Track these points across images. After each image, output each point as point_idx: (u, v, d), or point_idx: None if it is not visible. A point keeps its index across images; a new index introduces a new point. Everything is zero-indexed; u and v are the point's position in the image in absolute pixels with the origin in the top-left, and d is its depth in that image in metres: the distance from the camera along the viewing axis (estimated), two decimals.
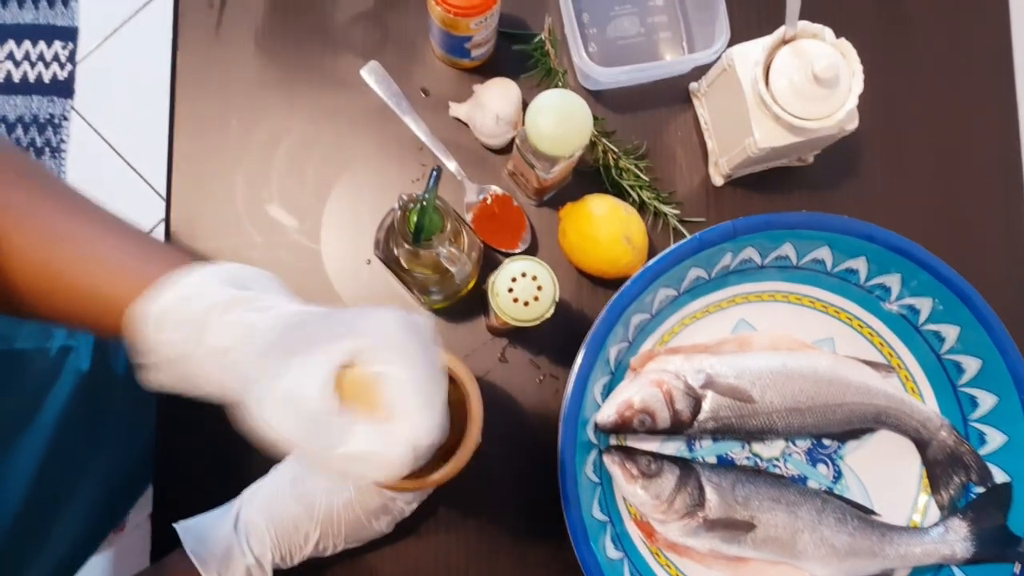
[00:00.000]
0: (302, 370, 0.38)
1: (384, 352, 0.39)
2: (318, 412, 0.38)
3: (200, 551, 0.57)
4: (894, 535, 0.65)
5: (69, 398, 0.67)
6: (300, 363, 0.38)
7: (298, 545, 0.59)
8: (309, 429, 0.38)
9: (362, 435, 0.38)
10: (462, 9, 0.62)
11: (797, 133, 0.63)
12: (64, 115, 1.55)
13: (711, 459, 0.68)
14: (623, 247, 0.68)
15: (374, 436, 0.38)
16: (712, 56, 0.68)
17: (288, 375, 0.38)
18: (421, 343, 0.40)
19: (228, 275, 0.42)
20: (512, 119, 0.71)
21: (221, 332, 0.40)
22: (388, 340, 0.40)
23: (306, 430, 0.38)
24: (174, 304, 0.40)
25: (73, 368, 0.68)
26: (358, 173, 0.73)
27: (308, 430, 0.38)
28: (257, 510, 0.59)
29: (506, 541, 0.69)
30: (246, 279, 0.43)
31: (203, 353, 0.40)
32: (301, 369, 0.38)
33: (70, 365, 0.68)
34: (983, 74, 0.78)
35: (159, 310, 0.40)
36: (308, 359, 0.38)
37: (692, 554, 0.66)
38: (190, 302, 0.40)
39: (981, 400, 0.66)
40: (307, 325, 0.40)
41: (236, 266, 0.43)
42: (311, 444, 0.38)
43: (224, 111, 0.74)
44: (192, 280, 0.41)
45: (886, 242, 0.64)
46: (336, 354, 0.39)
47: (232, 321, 0.40)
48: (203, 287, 0.41)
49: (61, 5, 1.57)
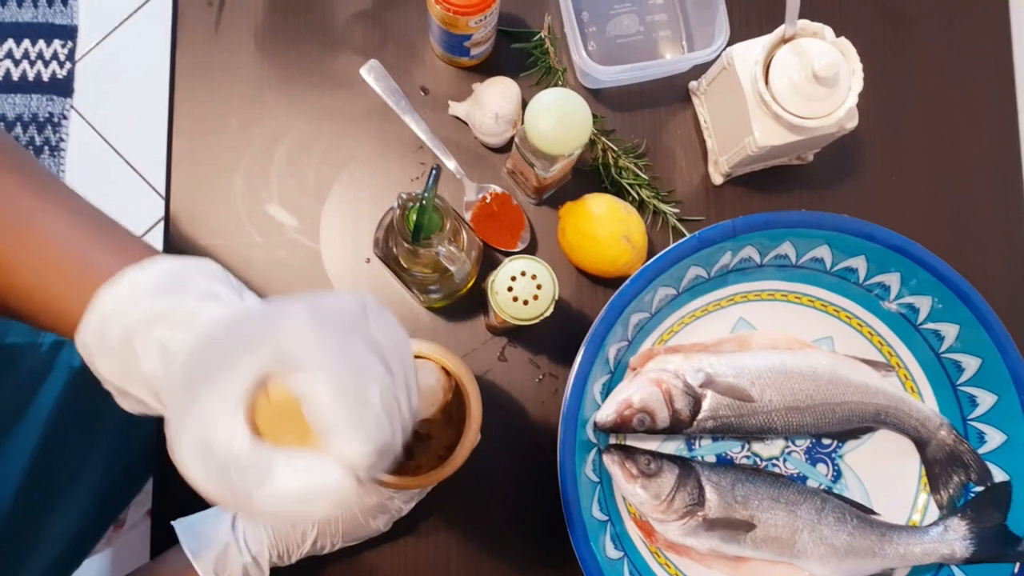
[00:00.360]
0: (208, 405, 0.32)
1: (292, 360, 0.33)
2: (227, 455, 0.32)
3: (197, 549, 0.57)
4: (893, 534, 0.65)
5: (62, 393, 0.67)
6: (206, 395, 0.32)
7: (295, 544, 0.59)
8: (223, 478, 0.32)
9: (285, 470, 0.32)
10: (461, 7, 0.62)
11: (797, 132, 0.63)
12: (63, 114, 1.55)
13: (710, 458, 0.68)
14: (622, 246, 0.68)
15: (300, 467, 0.32)
16: (712, 55, 0.67)
17: (194, 411, 0.32)
18: (337, 330, 0.34)
19: (160, 279, 0.37)
20: (511, 118, 0.71)
21: (144, 357, 0.35)
22: (294, 345, 0.33)
23: (220, 479, 0.32)
24: (99, 329, 0.36)
25: (65, 363, 0.68)
26: (357, 172, 0.73)
27: (222, 479, 0.32)
28: None
29: (506, 540, 0.69)
30: (180, 279, 0.37)
31: (136, 384, 0.36)
32: (207, 403, 0.32)
33: (62, 360, 0.68)
34: (983, 73, 0.78)
35: (88, 338, 0.36)
36: (214, 389, 0.32)
37: (692, 553, 0.66)
38: (113, 324, 0.36)
39: (980, 399, 0.66)
40: (213, 344, 0.34)
41: (170, 264, 0.38)
42: (229, 496, 0.32)
43: (224, 110, 0.74)
44: (118, 295, 0.36)
45: (885, 241, 0.64)
46: (241, 378, 0.33)
47: (153, 343, 0.35)
48: (130, 300, 0.36)
49: (60, 4, 1.57)
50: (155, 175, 1.53)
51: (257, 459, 0.32)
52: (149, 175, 1.54)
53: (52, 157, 1.53)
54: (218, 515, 0.59)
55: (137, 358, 0.35)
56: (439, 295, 0.65)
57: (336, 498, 0.32)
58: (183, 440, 0.33)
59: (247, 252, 0.72)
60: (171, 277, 0.37)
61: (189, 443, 0.32)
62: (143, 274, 0.37)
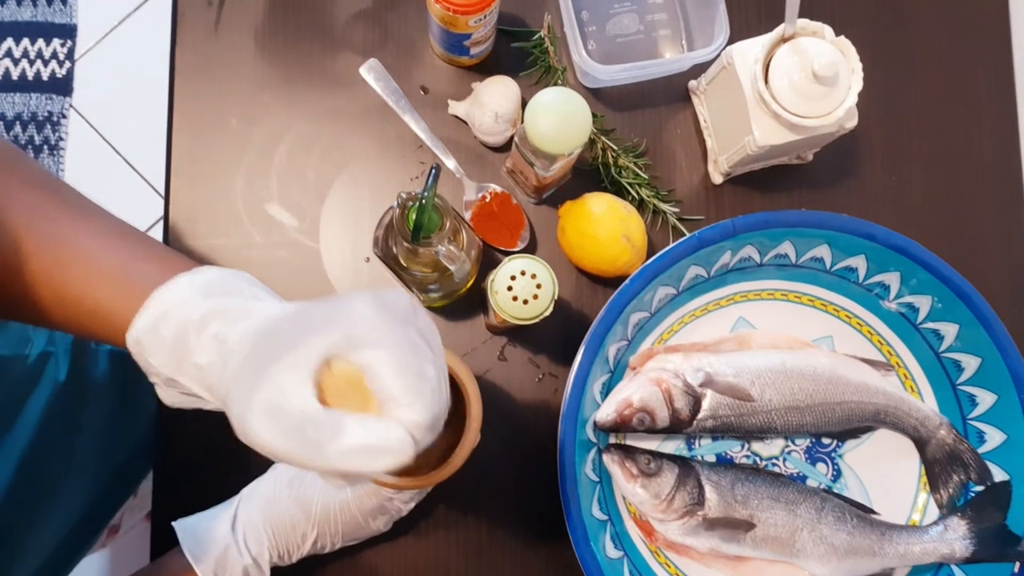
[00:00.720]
0: (279, 378, 0.37)
1: (360, 340, 0.38)
2: (302, 416, 0.36)
3: (197, 551, 0.57)
4: (893, 534, 0.65)
5: (47, 404, 0.67)
6: (276, 372, 0.37)
7: (295, 545, 0.59)
8: (297, 435, 0.36)
9: (355, 428, 0.36)
10: (461, 7, 0.62)
11: (796, 131, 0.63)
12: (63, 113, 1.54)
13: (710, 458, 0.68)
14: (622, 245, 0.68)
15: (367, 427, 0.36)
16: (711, 54, 0.67)
17: (266, 386, 0.36)
18: (397, 319, 0.39)
19: (211, 283, 0.41)
20: (511, 117, 0.71)
21: (198, 351, 0.39)
22: (361, 327, 0.38)
23: (294, 437, 0.36)
24: (153, 326, 0.40)
25: (51, 375, 0.68)
26: (357, 171, 0.73)
27: (296, 437, 0.36)
28: (255, 510, 0.59)
29: (505, 540, 0.69)
30: (229, 285, 0.42)
31: (187, 374, 0.40)
32: (278, 377, 0.37)
33: (49, 372, 0.68)
34: (983, 73, 0.78)
35: (141, 334, 0.40)
36: (284, 365, 0.37)
37: (691, 553, 0.66)
38: (168, 322, 0.40)
39: (980, 398, 0.66)
40: (279, 329, 0.38)
41: (219, 272, 0.42)
42: (303, 451, 0.36)
43: (224, 110, 0.73)
44: (173, 297, 0.40)
45: (885, 240, 0.64)
46: (312, 354, 0.37)
47: (208, 338, 0.39)
48: (183, 303, 0.40)
49: (59, 3, 1.57)
50: (155, 175, 1.53)
51: (329, 418, 0.36)
52: (149, 175, 1.54)
53: (51, 156, 1.53)
54: (217, 516, 0.59)
55: (191, 352, 0.39)
56: (439, 294, 0.65)
57: (398, 456, 0.36)
58: (254, 409, 0.36)
59: (247, 252, 0.72)
60: (220, 281, 0.41)
61: (261, 410, 0.36)
62: (196, 278, 0.41)
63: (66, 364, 0.70)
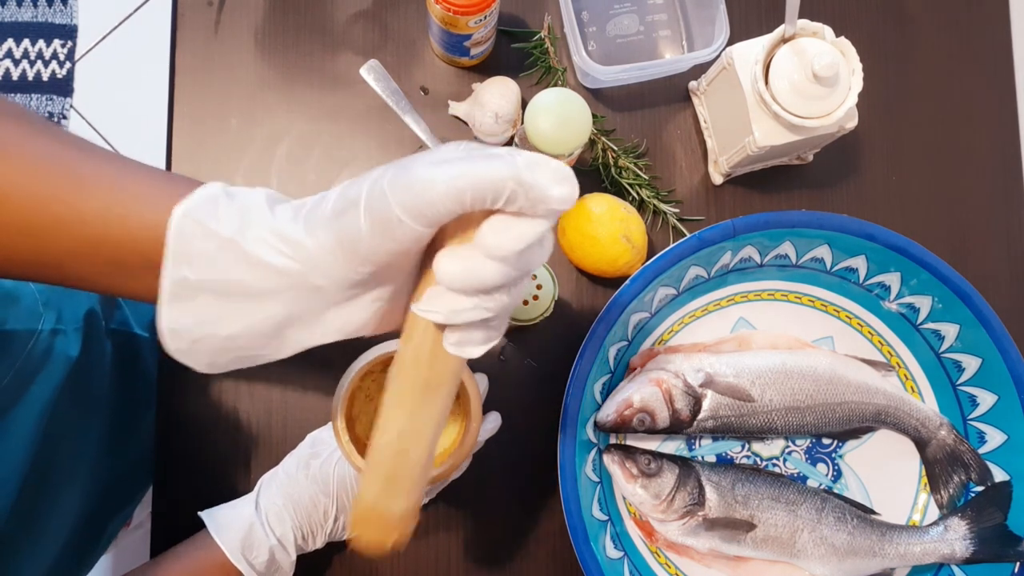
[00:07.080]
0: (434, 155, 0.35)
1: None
2: (473, 146, 0.35)
3: (224, 534, 0.58)
4: (893, 534, 0.65)
5: (60, 382, 0.67)
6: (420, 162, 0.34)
7: (318, 523, 0.60)
8: (478, 151, 0.34)
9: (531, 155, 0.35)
10: (461, 7, 0.62)
11: (796, 132, 0.63)
12: (63, 113, 1.54)
13: (711, 458, 0.68)
14: (622, 246, 0.68)
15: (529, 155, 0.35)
16: (711, 55, 0.67)
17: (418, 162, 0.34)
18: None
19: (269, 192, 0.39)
20: (511, 117, 0.71)
21: (273, 218, 0.36)
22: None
23: (474, 153, 0.34)
24: (212, 197, 0.36)
25: (62, 352, 0.68)
26: (358, 172, 0.73)
27: (476, 153, 0.34)
28: (276, 494, 0.60)
29: (506, 540, 0.69)
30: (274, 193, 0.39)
31: (256, 233, 0.36)
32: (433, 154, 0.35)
33: (60, 349, 0.68)
34: (983, 73, 0.78)
35: (193, 206, 0.36)
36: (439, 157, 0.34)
37: (692, 553, 0.66)
38: (233, 197, 0.37)
39: (980, 399, 0.66)
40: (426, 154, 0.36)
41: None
42: (490, 164, 0.33)
43: (224, 110, 0.73)
44: (232, 188, 0.38)
45: (886, 241, 0.64)
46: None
47: (286, 207, 0.36)
48: (245, 191, 0.38)
49: (60, 3, 1.57)
50: None
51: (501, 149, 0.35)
52: None
53: None
54: (239, 505, 0.60)
55: (257, 224, 0.36)
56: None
57: (574, 184, 0.34)
58: (417, 163, 0.33)
59: None
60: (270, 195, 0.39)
61: (425, 163, 0.33)
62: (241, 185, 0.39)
63: (77, 341, 0.70)
